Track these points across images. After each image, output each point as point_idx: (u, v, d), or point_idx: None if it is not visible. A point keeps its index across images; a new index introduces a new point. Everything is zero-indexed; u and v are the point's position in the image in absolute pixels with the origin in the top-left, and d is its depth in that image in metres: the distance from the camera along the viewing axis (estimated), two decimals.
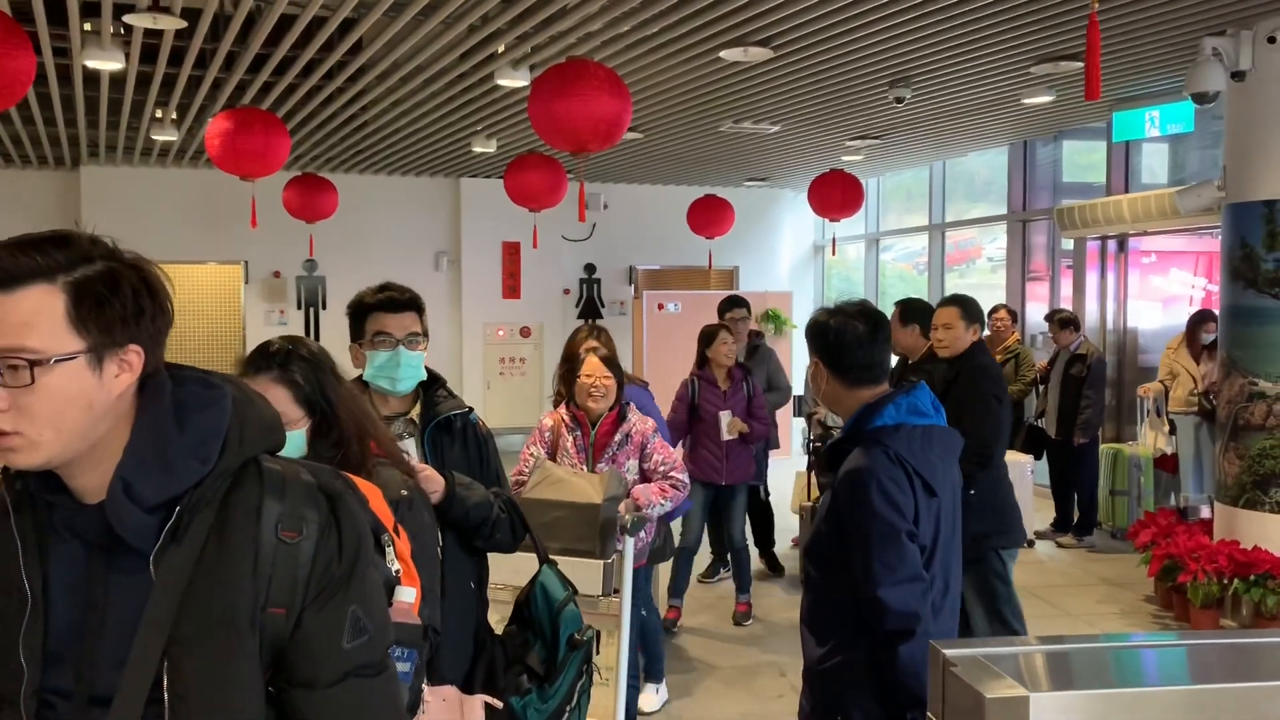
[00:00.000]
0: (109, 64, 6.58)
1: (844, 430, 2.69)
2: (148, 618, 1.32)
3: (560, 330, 13.09)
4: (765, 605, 6.76)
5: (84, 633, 1.35)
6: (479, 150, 10.17)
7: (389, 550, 1.91)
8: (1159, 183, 9.64)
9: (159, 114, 9.06)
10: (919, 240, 13.42)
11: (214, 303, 12.89)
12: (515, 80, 6.99)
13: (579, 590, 3.05)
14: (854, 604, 2.52)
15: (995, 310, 8.65)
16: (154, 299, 1.35)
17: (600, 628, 3.07)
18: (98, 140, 10.44)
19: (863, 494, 2.50)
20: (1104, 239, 9.84)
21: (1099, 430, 8.60)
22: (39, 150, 11.08)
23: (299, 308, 12.89)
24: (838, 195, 9.35)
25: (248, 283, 12.80)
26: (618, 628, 4.01)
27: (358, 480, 1.69)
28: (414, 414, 2.98)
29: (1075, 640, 1.82)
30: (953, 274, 12.81)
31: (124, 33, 6.34)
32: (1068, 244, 10.21)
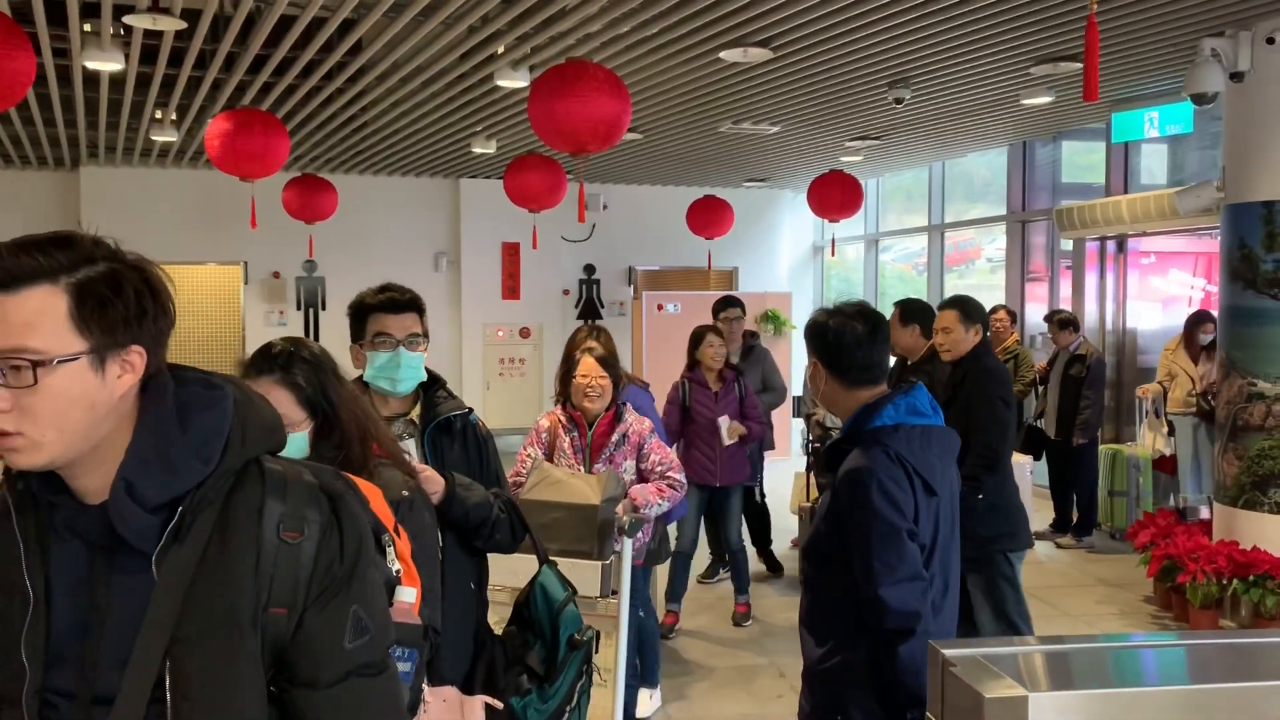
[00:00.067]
0: (109, 65, 6.58)
1: (843, 430, 2.70)
2: (150, 618, 1.32)
3: (560, 331, 13.09)
4: (764, 606, 6.76)
5: (86, 633, 1.35)
6: (478, 151, 10.17)
7: (390, 550, 1.92)
8: (1158, 183, 9.64)
9: (159, 115, 9.06)
10: (918, 241, 13.42)
11: (213, 303, 12.89)
12: (515, 81, 7.00)
13: (577, 591, 3.05)
14: (854, 604, 2.53)
15: (994, 311, 8.64)
16: (156, 300, 1.36)
17: (598, 629, 3.06)
18: (97, 141, 10.44)
19: (863, 493, 2.50)
20: (1103, 240, 9.84)
21: (1098, 431, 8.60)
22: (39, 151, 11.08)
23: (298, 308, 12.89)
24: (837, 196, 9.35)
25: (247, 283, 12.80)
26: (616, 629, 4.00)
27: (358, 481, 1.70)
28: (414, 415, 2.99)
29: (1074, 640, 1.82)
30: (952, 275, 12.81)
31: (124, 33, 6.34)
32: (1067, 245, 10.21)
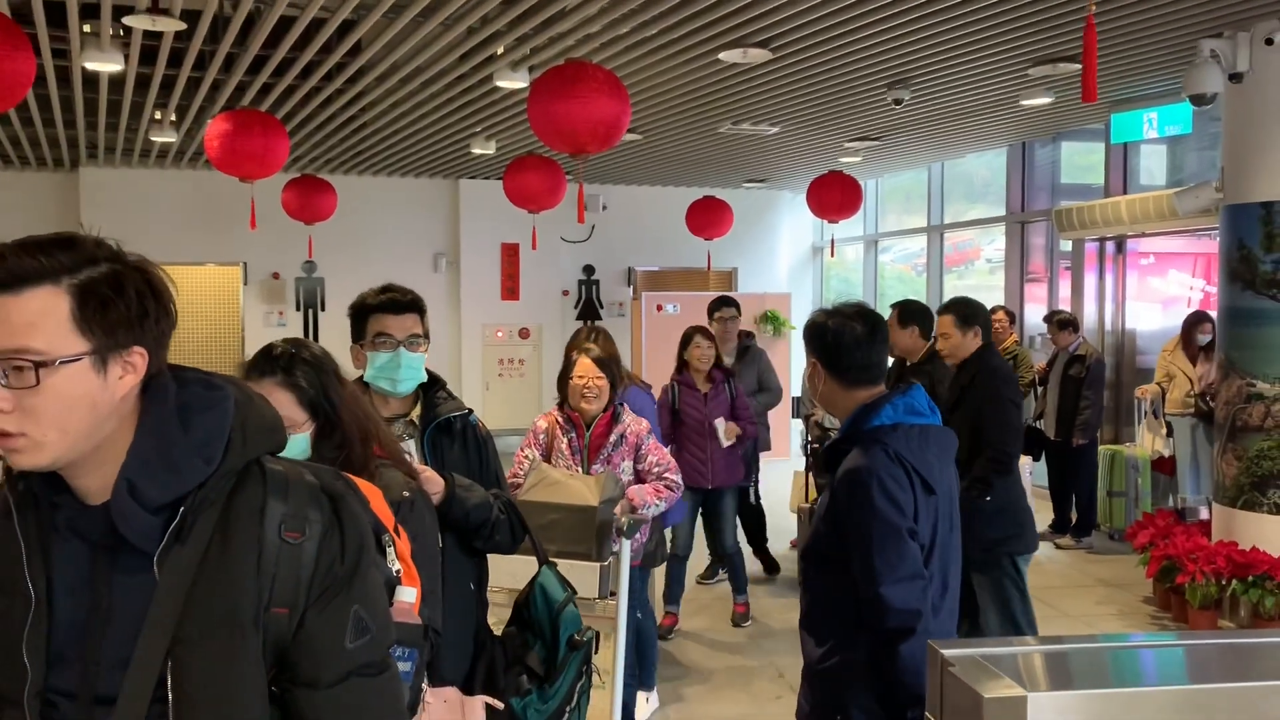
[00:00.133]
0: (108, 65, 6.58)
1: (841, 431, 2.71)
2: (152, 618, 1.33)
3: (559, 332, 13.09)
4: (763, 607, 6.76)
5: (88, 633, 1.35)
6: (478, 152, 10.17)
7: (390, 550, 1.92)
8: (1157, 184, 9.64)
9: (158, 115, 9.06)
10: (918, 241, 13.43)
11: (213, 304, 12.90)
12: (514, 82, 7.00)
13: (577, 592, 3.05)
14: (853, 603, 2.53)
15: (993, 311, 8.62)
16: (158, 301, 1.36)
17: (597, 629, 3.07)
18: (97, 142, 10.44)
19: (863, 492, 2.51)
20: (1102, 240, 9.85)
21: (1098, 431, 8.60)
22: (38, 151, 11.08)
23: (298, 309, 12.89)
24: (836, 196, 9.35)
25: (246, 284, 12.81)
26: (614, 630, 4.00)
27: (358, 481, 1.70)
28: (414, 415, 2.99)
29: (1073, 640, 1.82)
30: (951, 275, 12.82)
31: (123, 34, 6.34)
32: (1066, 245, 10.21)
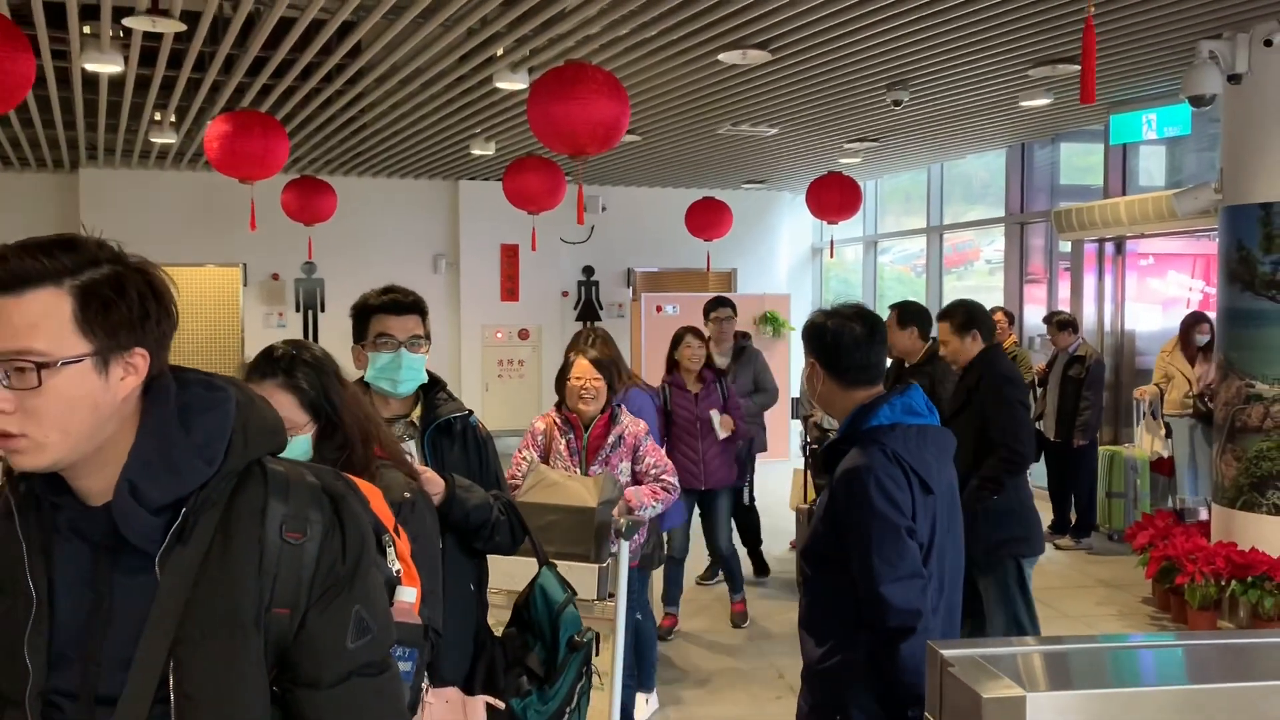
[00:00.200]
0: (108, 67, 6.59)
1: (840, 431, 2.72)
2: (153, 618, 1.33)
3: (559, 332, 13.09)
4: (763, 608, 6.76)
5: (89, 634, 1.36)
6: (477, 153, 10.18)
7: (390, 551, 1.92)
8: (1156, 185, 9.64)
9: (158, 117, 9.07)
10: (917, 242, 13.43)
11: (213, 305, 12.90)
12: (514, 83, 7.01)
13: (576, 593, 3.06)
14: (853, 603, 2.53)
15: (991, 312, 8.64)
16: (159, 303, 1.36)
17: (596, 631, 3.07)
18: (96, 143, 10.44)
19: (861, 491, 2.52)
20: (1101, 241, 9.85)
21: (1098, 432, 8.60)
22: (38, 153, 11.09)
23: (297, 310, 12.90)
24: (836, 198, 9.36)
25: (246, 285, 12.81)
26: (613, 632, 4.00)
27: (358, 481, 1.70)
28: (414, 416, 2.99)
29: (1072, 640, 1.83)
30: (950, 276, 12.82)
31: (123, 35, 6.35)
32: (1065, 246, 10.22)
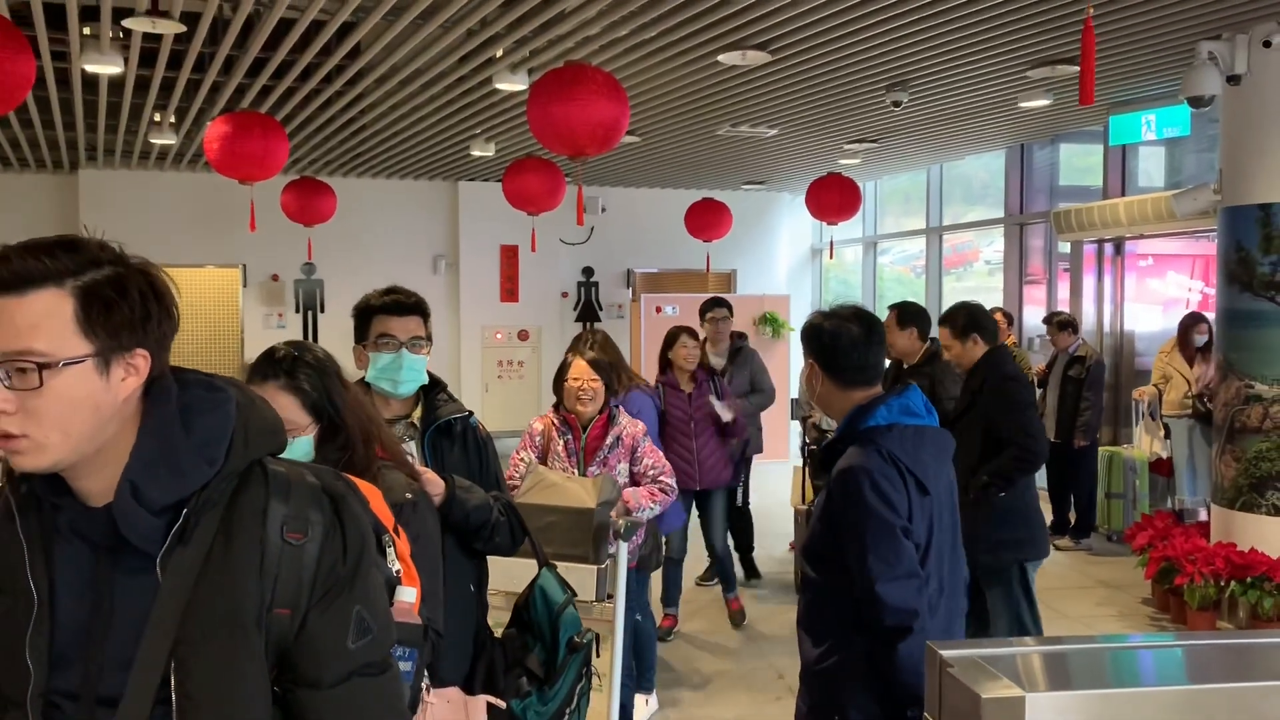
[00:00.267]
0: (108, 68, 6.59)
1: (838, 431, 2.73)
2: (154, 619, 1.33)
3: (558, 333, 13.10)
4: (762, 609, 6.75)
5: (90, 634, 1.36)
6: (477, 154, 10.18)
7: (390, 551, 1.93)
8: (1155, 186, 9.65)
9: (157, 118, 9.07)
10: (916, 243, 13.44)
11: (212, 306, 12.90)
12: (513, 84, 7.01)
13: (576, 594, 3.06)
14: (851, 603, 2.54)
15: (990, 313, 8.64)
16: (160, 304, 1.37)
17: (596, 632, 3.07)
18: (96, 144, 10.45)
19: (856, 491, 2.53)
20: (1101, 242, 9.86)
21: (1098, 433, 8.60)
22: (37, 154, 11.09)
23: (297, 311, 12.90)
24: (835, 198, 9.36)
25: (246, 286, 12.81)
26: (611, 633, 4.00)
27: (357, 481, 1.71)
28: (415, 417, 3.00)
29: (1071, 641, 1.83)
30: (950, 277, 12.83)
31: (123, 37, 6.35)
32: (1065, 247, 10.22)
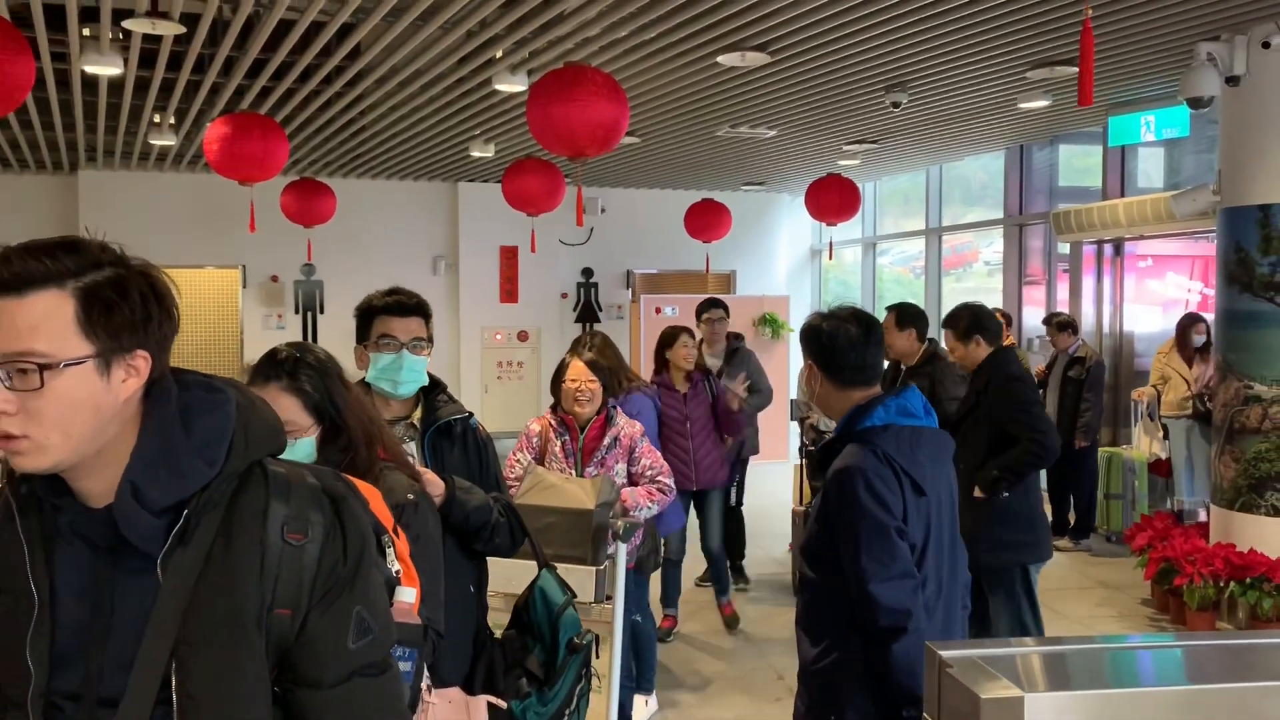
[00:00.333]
0: (107, 69, 6.59)
1: (836, 431, 2.74)
2: (155, 620, 1.33)
3: (558, 334, 13.10)
4: (762, 610, 6.75)
5: (91, 635, 1.36)
6: (477, 155, 10.18)
7: (390, 551, 1.93)
8: (1155, 187, 9.65)
9: (157, 119, 9.07)
10: (916, 244, 13.44)
11: (212, 307, 12.90)
12: (513, 85, 7.02)
13: (576, 595, 3.06)
14: (847, 603, 2.55)
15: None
16: (161, 305, 1.37)
17: (596, 633, 3.07)
18: (96, 145, 10.45)
19: (851, 492, 2.54)
20: (1100, 243, 9.86)
21: (1099, 433, 8.60)
22: (37, 155, 11.09)
23: (296, 312, 12.89)
24: (834, 199, 9.36)
25: (245, 287, 12.81)
26: (610, 634, 4.00)
27: (357, 482, 1.71)
28: (415, 418, 3.00)
29: (1070, 641, 1.83)
30: (949, 278, 12.83)
31: (122, 38, 6.35)
32: (1064, 248, 10.23)
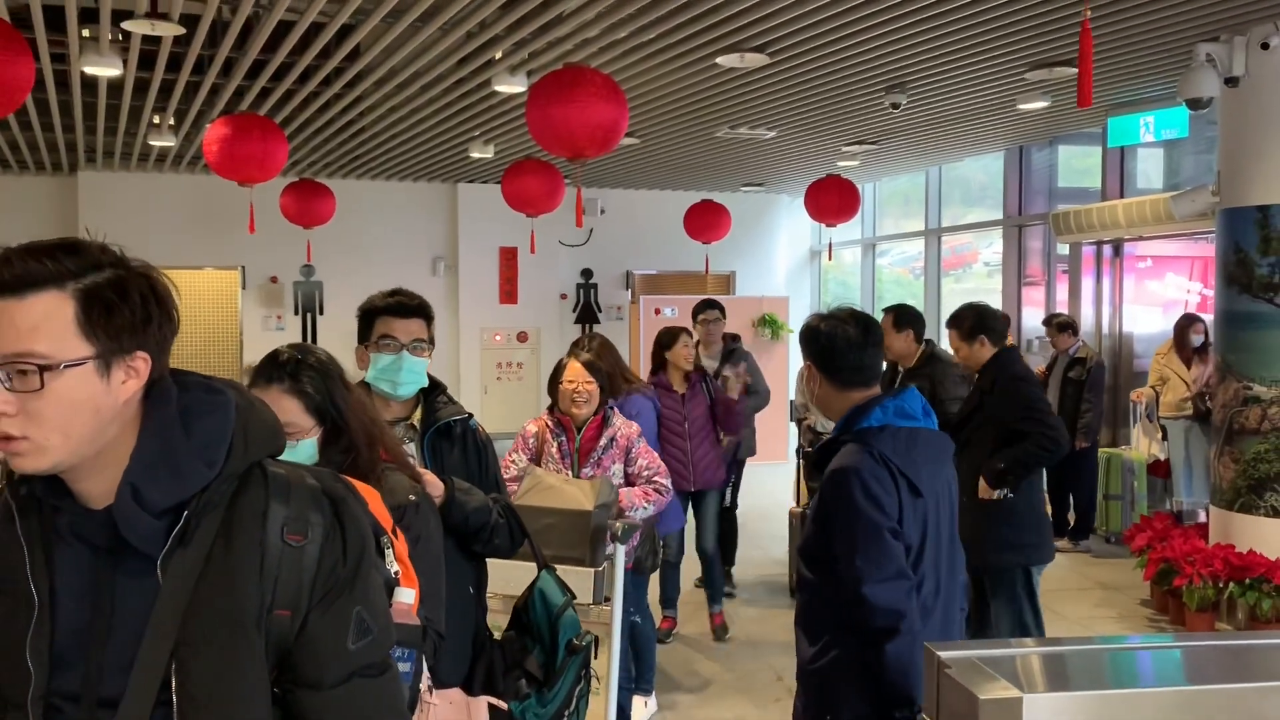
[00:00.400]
0: (107, 70, 6.59)
1: (834, 432, 2.75)
2: (155, 621, 1.33)
3: (557, 335, 13.10)
4: (761, 611, 6.75)
5: (91, 636, 1.36)
6: (476, 156, 10.18)
7: (389, 552, 1.94)
8: (1154, 188, 9.65)
9: (157, 120, 9.07)
10: (915, 245, 13.44)
11: (211, 308, 12.90)
12: (512, 86, 7.02)
13: (575, 596, 3.06)
14: (844, 603, 2.55)
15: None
16: (161, 306, 1.37)
17: (595, 634, 3.08)
18: (95, 146, 10.44)
19: (845, 492, 2.54)
20: (1099, 244, 9.86)
21: (1099, 434, 8.60)
22: (37, 156, 11.09)
23: (296, 313, 12.88)
24: (834, 200, 9.36)
25: (245, 288, 12.80)
26: (609, 635, 4.00)
27: (356, 483, 1.71)
28: (415, 419, 3.00)
29: (1068, 642, 1.84)
30: (949, 279, 12.83)
31: (122, 39, 6.35)
32: (1063, 249, 10.23)
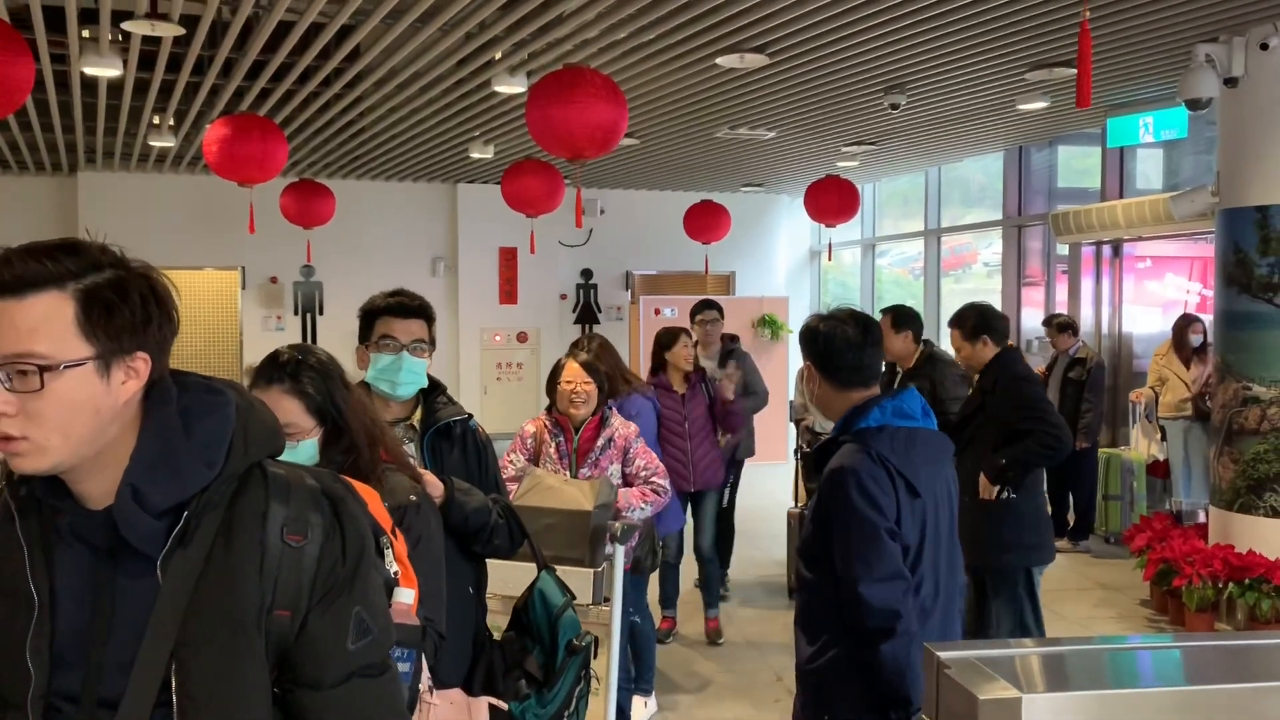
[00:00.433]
0: (107, 71, 6.59)
1: (833, 432, 2.75)
2: (155, 621, 1.34)
3: (557, 335, 13.10)
4: (760, 612, 6.76)
5: (91, 637, 1.36)
6: (476, 156, 10.18)
7: (388, 552, 1.94)
8: (1153, 188, 9.65)
9: (157, 120, 9.07)
10: (915, 245, 13.44)
11: (211, 308, 12.89)
12: (512, 87, 7.02)
13: (575, 597, 3.07)
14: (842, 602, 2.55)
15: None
16: (161, 307, 1.37)
17: (595, 635, 3.08)
18: (95, 146, 10.44)
19: (842, 492, 2.54)
20: (1099, 244, 9.86)
21: (1099, 434, 8.60)
22: (36, 156, 11.08)
23: (296, 313, 12.88)
24: (834, 201, 9.36)
25: (245, 288, 12.79)
26: (608, 636, 4.00)
27: (355, 484, 1.72)
28: (415, 419, 3.01)
29: (1068, 642, 1.84)
30: (949, 279, 12.83)
31: (122, 39, 6.35)
32: (1063, 249, 10.23)
